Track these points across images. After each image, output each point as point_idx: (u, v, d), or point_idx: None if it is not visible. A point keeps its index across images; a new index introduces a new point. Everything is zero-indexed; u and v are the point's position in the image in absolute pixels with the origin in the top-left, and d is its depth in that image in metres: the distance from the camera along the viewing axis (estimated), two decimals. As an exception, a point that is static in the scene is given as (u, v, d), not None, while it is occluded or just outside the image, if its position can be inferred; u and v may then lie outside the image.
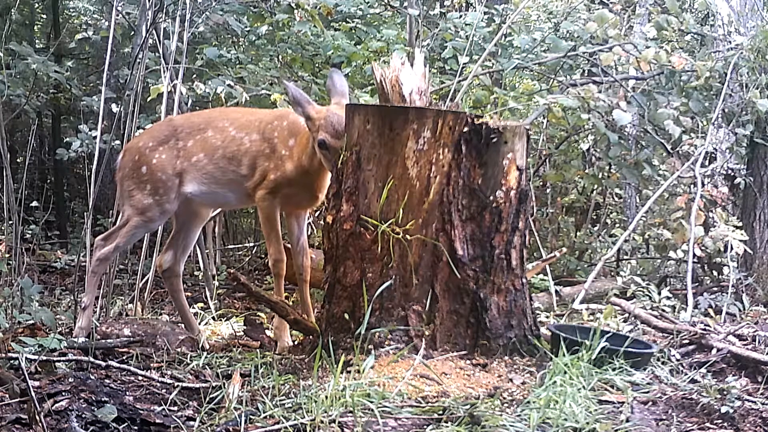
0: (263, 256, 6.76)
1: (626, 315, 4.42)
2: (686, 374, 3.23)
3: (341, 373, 2.92)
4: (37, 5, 9.31)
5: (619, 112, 5.21)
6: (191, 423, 2.71)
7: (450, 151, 3.28)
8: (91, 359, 3.28)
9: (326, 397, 2.73)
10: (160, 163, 4.07)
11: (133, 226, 4.09)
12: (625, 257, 6.83)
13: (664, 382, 3.12)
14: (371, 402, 2.72)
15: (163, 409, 2.83)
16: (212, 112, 4.36)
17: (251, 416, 2.69)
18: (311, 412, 2.66)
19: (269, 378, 3.08)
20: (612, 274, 6.22)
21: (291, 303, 4.14)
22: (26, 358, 3.10)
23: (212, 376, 3.24)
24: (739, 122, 5.51)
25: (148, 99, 5.30)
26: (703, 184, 5.17)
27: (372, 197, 3.31)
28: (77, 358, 3.29)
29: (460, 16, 6.67)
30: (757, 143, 5.57)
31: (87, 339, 3.74)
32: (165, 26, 5.26)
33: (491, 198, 3.31)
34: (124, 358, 3.56)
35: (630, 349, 3.20)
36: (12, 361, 3.13)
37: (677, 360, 3.43)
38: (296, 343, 3.85)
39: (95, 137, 5.18)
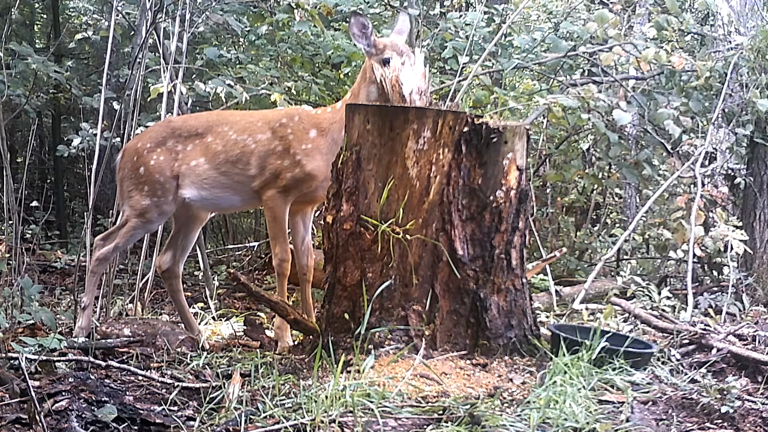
0: (263, 256, 6.76)
1: (626, 315, 4.42)
2: (686, 374, 3.23)
3: (341, 373, 2.92)
4: (37, 5, 9.31)
5: (619, 112, 5.21)
6: (191, 423, 2.71)
7: (450, 151, 3.28)
8: (91, 359, 3.28)
9: (326, 397, 2.73)
10: (157, 164, 4.07)
11: (132, 227, 4.10)
12: (625, 257, 6.83)
13: (664, 382, 3.12)
14: (371, 402, 2.72)
15: (163, 409, 2.83)
16: (210, 115, 4.36)
17: (251, 416, 2.69)
18: (311, 412, 2.66)
19: (269, 378, 3.08)
20: (612, 274, 6.23)
21: (292, 303, 4.14)
22: (26, 358, 3.10)
23: (212, 376, 3.24)
24: (739, 122, 5.52)
25: (148, 99, 5.31)
26: (703, 184, 5.17)
27: (372, 197, 3.31)
28: (77, 358, 3.29)
29: (460, 16, 6.67)
30: (757, 143, 5.57)
31: (87, 339, 3.74)
32: (165, 26, 5.26)
33: (491, 198, 3.31)
34: (124, 358, 3.56)
35: (630, 349, 3.20)
36: (12, 361, 3.13)
37: (677, 360, 3.43)
38: (296, 343, 3.85)
39: (96, 134, 5.18)
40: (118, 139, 5.08)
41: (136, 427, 2.66)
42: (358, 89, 3.90)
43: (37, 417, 2.49)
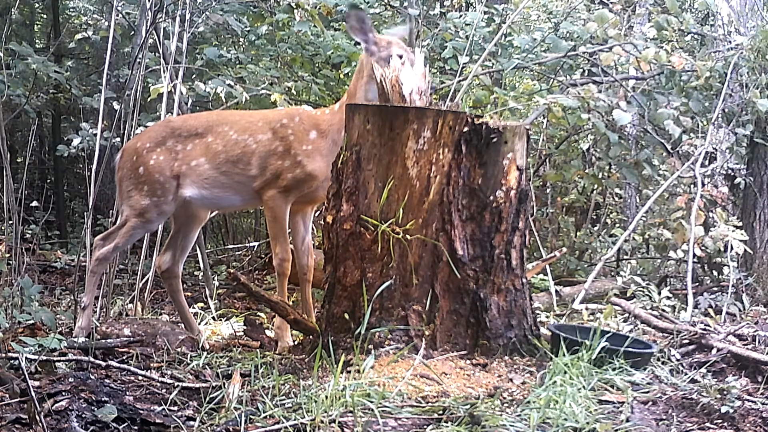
0: (263, 256, 6.76)
1: (626, 315, 4.42)
2: (686, 374, 3.23)
3: (341, 373, 2.92)
4: (37, 5, 9.31)
5: (619, 112, 5.21)
6: (191, 423, 2.71)
7: (450, 151, 3.28)
8: (91, 359, 3.28)
9: (326, 397, 2.73)
10: (157, 164, 4.07)
11: (131, 227, 4.09)
12: (625, 257, 6.83)
13: (664, 382, 3.12)
14: (371, 402, 2.72)
15: (163, 409, 2.83)
16: (210, 116, 4.36)
17: (251, 416, 2.69)
18: (311, 412, 2.66)
19: (269, 378, 3.08)
20: (612, 274, 6.23)
21: (292, 303, 4.14)
22: (26, 358, 3.10)
23: (212, 376, 3.24)
24: (739, 122, 5.52)
25: (149, 99, 5.30)
26: (703, 184, 5.17)
27: (372, 197, 3.31)
28: (77, 358, 3.28)
29: (460, 16, 6.68)
30: (757, 143, 5.57)
31: (87, 339, 3.74)
32: (165, 26, 5.26)
33: (491, 198, 3.31)
34: (124, 358, 3.56)
35: (630, 349, 3.20)
36: (12, 361, 3.13)
37: (677, 360, 3.43)
38: (296, 343, 3.85)
39: (96, 134, 5.19)
40: (118, 139, 5.08)
41: (136, 427, 2.66)
42: (355, 88, 3.90)
43: (37, 417, 2.49)
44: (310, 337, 3.59)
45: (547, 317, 4.61)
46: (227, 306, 5.23)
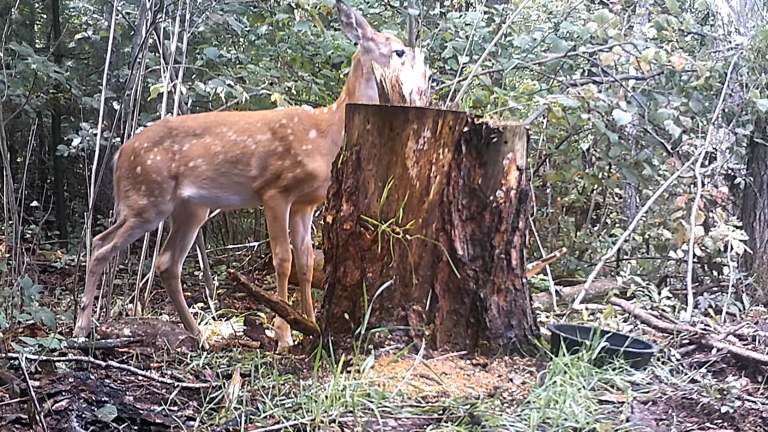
0: (263, 256, 6.76)
1: (626, 315, 4.42)
2: (686, 374, 3.23)
3: (341, 373, 2.92)
4: (37, 5, 9.31)
5: (619, 112, 5.21)
6: (191, 423, 2.71)
7: (450, 151, 3.28)
8: (91, 359, 3.28)
9: (326, 397, 2.73)
10: (154, 164, 4.07)
11: (129, 227, 4.10)
12: (625, 257, 6.83)
13: (664, 382, 3.12)
14: (371, 402, 2.72)
15: (163, 409, 2.83)
16: (208, 116, 4.36)
17: (251, 416, 2.69)
18: (311, 412, 2.66)
19: (269, 378, 3.08)
20: (612, 274, 6.23)
21: (292, 303, 4.14)
22: (26, 358, 3.10)
23: (212, 376, 3.24)
24: (739, 122, 5.52)
25: (148, 99, 5.30)
26: (703, 184, 5.17)
27: (372, 197, 3.31)
28: (77, 358, 3.29)
29: (460, 16, 6.68)
30: (757, 143, 5.57)
31: (87, 339, 3.74)
32: (165, 26, 5.26)
33: (491, 198, 3.31)
34: (124, 358, 3.56)
35: (630, 349, 3.20)
36: (12, 361, 3.13)
37: (677, 360, 3.43)
38: (296, 343, 3.85)
39: (96, 134, 5.19)
40: (118, 139, 5.08)
41: (136, 427, 2.66)
42: (354, 87, 3.90)
43: (37, 417, 2.49)
44: (310, 337, 3.60)
45: (547, 317, 4.61)
46: (227, 306, 5.23)
